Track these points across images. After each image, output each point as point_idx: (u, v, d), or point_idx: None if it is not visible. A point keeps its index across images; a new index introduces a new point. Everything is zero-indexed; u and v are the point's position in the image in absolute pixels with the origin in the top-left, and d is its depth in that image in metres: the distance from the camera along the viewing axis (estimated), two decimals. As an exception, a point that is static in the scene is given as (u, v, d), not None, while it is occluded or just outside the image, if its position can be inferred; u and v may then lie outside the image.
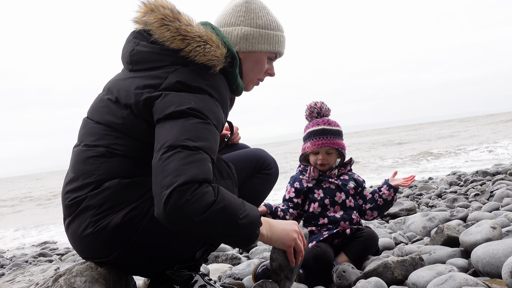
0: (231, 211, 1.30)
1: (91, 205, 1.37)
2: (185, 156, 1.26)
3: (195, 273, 1.63)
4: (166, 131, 1.32)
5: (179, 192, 1.21)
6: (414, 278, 1.51)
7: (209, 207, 1.24)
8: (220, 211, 1.27)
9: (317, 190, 2.09)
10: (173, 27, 1.42)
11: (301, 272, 1.88)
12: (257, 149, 1.82)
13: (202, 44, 1.42)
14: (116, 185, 1.37)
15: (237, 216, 1.31)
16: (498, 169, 5.73)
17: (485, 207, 3.12)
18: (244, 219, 1.32)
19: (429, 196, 4.77)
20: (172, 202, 1.21)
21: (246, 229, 1.34)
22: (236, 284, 1.97)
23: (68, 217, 1.43)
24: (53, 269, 1.53)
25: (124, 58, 1.56)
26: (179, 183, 1.22)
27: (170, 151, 1.27)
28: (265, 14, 1.67)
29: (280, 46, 1.71)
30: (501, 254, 1.48)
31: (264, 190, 1.79)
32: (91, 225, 1.36)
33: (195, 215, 1.22)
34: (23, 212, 13.72)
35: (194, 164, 1.27)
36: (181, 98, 1.36)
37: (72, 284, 1.34)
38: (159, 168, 1.27)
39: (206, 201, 1.24)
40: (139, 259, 1.44)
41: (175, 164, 1.25)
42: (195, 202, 1.22)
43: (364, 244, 1.95)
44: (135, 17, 1.51)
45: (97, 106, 1.52)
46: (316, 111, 2.13)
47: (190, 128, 1.32)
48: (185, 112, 1.33)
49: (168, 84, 1.39)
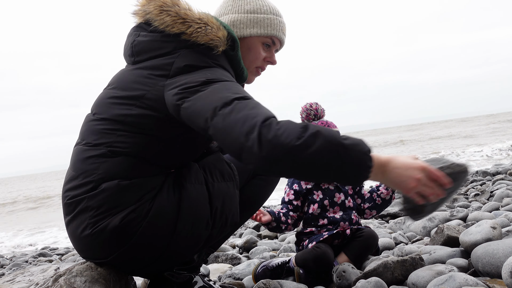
0: (327, 131, 1.14)
1: (90, 206, 1.36)
2: (244, 104, 1.20)
3: (194, 274, 1.63)
4: (206, 100, 1.25)
5: (266, 127, 1.12)
6: (414, 278, 1.51)
7: (304, 131, 1.11)
8: (317, 132, 1.12)
9: (316, 192, 2.08)
10: (173, 11, 1.42)
11: (301, 272, 1.88)
12: None
13: (202, 25, 1.42)
14: (115, 187, 1.35)
15: (337, 136, 1.14)
16: (498, 169, 5.73)
17: (485, 207, 3.12)
18: (346, 140, 1.15)
19: (429, 196, 4.77)
20: (264, 138, 1.11)
21: (354, 150, 1.14)
22: (236, 284, 1.97)
23: (68, 215, 1.43)
24: (53, 269, 1.53)
25: (125, 52, 1.54)
26: (261, 120, 1.13)
27: (227, 106, 1.20)
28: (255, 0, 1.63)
29: (274, 29, 1.63)
30: (501, 254, 1.48)
31: (265, 192, 1.78)
32: (90, 226, 1.35)
33: (294, 139, 1.10)
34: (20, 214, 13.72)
35: (259, 106, 1.21)
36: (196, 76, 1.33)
37: (72, 284, 1.34)
38: (230, 123, 1.17)
39: (297, 127, 1.13)
40: (138, 261, 1.43)
41: (243, 113, 1.17)
42: (286, 130, 1.11)
43: (364, 244, 1.95)
44: (134, 10, 1.51)
45: (102, 100, 1.49)
46: (313, 113, 2.11)
47: (226, 88, 1.28)
48: (209, 81, 1.30)
49: (177, 69, 1.37)
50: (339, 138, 1.13)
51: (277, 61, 1.71)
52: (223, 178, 1.53)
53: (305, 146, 1.10)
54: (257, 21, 1.60)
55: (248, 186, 1.69)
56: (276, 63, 1.72)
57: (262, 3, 1.63)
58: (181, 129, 1.41)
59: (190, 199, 1.40)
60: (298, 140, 1.10)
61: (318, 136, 1.11)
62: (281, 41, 1.68)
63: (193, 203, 1.39)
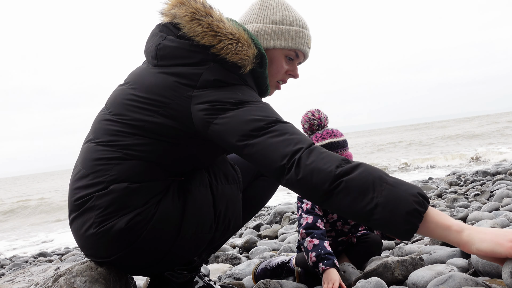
0: (371, 168, 1.11)
1: (97, 206, 1.34)
2: (285, 128, 1.20)
3: (195, 274, 1.63)
4: (241, 119, 1.24)
5: (309, 153, 1.13)
6: (414, 278, 1.51)
7: (345, 162, 1.10)
8: (360, 165, 1.10)
9: (332, 214, 1.92)
10: (205, 22, 1.35)
11: (301, 272, 1.87)
12: None
13: (234, 42, 1.36)
14: (124, 189, 1.34)
15: (381, 173, 1.09)
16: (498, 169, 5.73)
17: (485, 207, 3.11)
18: (390, 177, 1.08)
19: (429, 196, 4.77)
20: (303, 163, 1.11)
21: (399, 189, 1.04)
22: (236, 284, 1.97)
23: (73, 213, 1.41)
24: (53, 269, 1.53)
25: (148, 52, 1.48)
26: (306, 146, 1.14)
27: (268, 127, 1.20)
28: (281, 10, 1.56)
29: (298, 42, 1.56)
30: (501, 254, 1.48)
31: (267, 193, 1.78)
32: (95, 225, 1.34)
33: (332, 167, 1.09)
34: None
35: (299, 133, 1.21)
36: (226, 93, 1.31)
37: (72, 284, 1.34)
38: (272, 145, 1.18)
39: (338, 157, 1.13)
40: (140, 262, 1.43)
41: (285, 136, 1.18)
42: (327, 157, 1.12)
43: (367, 250, 1.91)
44: (162, 9, 1.44)
45: (121, 100, 1.43)
46: (316, 122, 1.91)
47: (262, 109, 1.27)
48: (240, 102, 1.28)
49: (205, 82, 1.33)
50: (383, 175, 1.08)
51: (299, 75, 1.65)
52: (227, 181, 1.52)
53: (343, 173, 1.09)
54: (281, 32, 1.54)
55: (251, 187, 1.69)
56: (298, 77, 1.66)
57: (288, 13, 1.57)
58: (201, 141, 1.39)
59: (195, 203, 1.39)
60: (338, 168, 1.09)
61: (358, 167, 1.10)
62: (305, 54, 1.62)
63: (197, 207, 1.39)
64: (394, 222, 1.04)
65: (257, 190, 1.70)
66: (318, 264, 1.67)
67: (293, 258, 1.97)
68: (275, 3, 1.58)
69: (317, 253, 1.69)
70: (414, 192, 1.05)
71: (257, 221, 4.75)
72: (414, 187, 1.07)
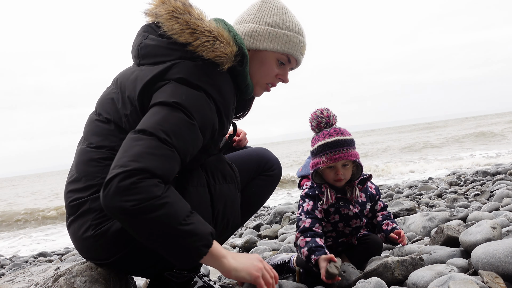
0: (172, 212, 1.18)
1: (93, 208, 1.35)
2: (154, 145, 1.21)
3: (194, 274, 1.63)
4: (149, 116, 1.28)
5: (127, 175, 1.14)
6: (414, 278, 1.51)
7: (149, 199, 1.14)
8: (160, 207, 1.15)
9: (334, 215, 1.91)
10: (183, 20, 1.37)
11: (301, 272, 1.87)
12: (260, 149, 1.79)
13: (211, 39, 1.37)
14: None
15: (178, 218, 1.18)
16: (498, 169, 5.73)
17: (485, 207, 3.11)
18: (186, 225, 1.19)
19: (429, 196, 4.77)
20: (114, 182, 1.14)
21: (187, 238, 1.20)
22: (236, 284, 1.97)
23: (70, 216, 1.42)
24: (53, 269, 1.53)
25: (132, 52, 1.51)
26: (132, 168, 1.15)
27: (143, 134, 1.22)
28: (279, 13, 1.57)
29: (291, 47, 1.56)
30: (501, 254, 1.48)
31: (266, 192, 1.78)
32: (92, 228, 1.35)
33: (131, 201, 1.12)
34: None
35: (158, 157, 1.20)
36: (174, 91, 1.32)
37: (72, 284, 1.34)
38: (124, 147, 1.22)
39: (149, 193, 1.15)
40: (140, 262, 1.43)
41: (139, 148, 1.19)
42: (137, 189, 1.13)
43: (367, 252, 1.91)
44: (147, 9, 1.46)
45: (105, 100, 1.48)
46: (324, 120, 1.87)
47: (173, 121, 1.26)
48: (171, 104, 1.28)
49: (170, 76, 1.35)
50: (176, 222, 1.18)
51: (289, 80, 1.65)
52: (225, 180, 1.52)
53: (138, 212, 1.14)
54: (276, 36, 1.54)
55: (249, 187, 1.68)
56: (288, 82, 1.65)
57: (286, 18, 1.57)
58: None
59: (192, 202, 1.40)
60: (136, 204, 1.13)
61: (156, 210, 1.15)
62: (297, 60, 1.62)
63: (195, 206, 1.39)
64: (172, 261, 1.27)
65: (255, 189, 1.70)
66: (310, 257, 1.69)
67: (294, 258, 1.97)
68: (274, 6, 1.58)
69: (308, 247, 1.72)
70: (199, 245, 1.23)
71: (257, 221, 4.75)
72: (204, 237, 1.23)
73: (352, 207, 1.88)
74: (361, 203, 1.93)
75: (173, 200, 1.19)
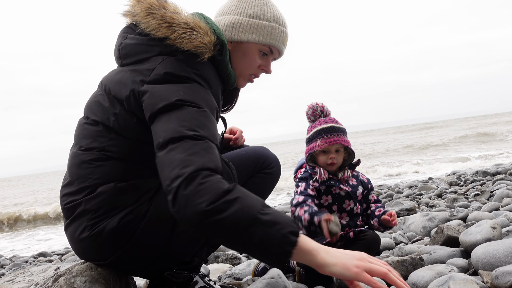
0: (247, 204, 1.10)
1: (87, 210, 1.36)
2: (190, 146, 1.17)
3: (194, 274, 1.63)
4: (164, 125, 1.24)
5: (188, 181, 1.10)
6: (414, 278, 1.51)
7: (221, 195, 1.08)
8: (233, 202, 1.09)
9: (326, 196, 1.99)
10: (159, 14, 1.38)
11: (301, 271, 1.87)
12: (258, 147, 1.79)
13: (188, 31, 1.38)
14: (111, 189, 1.35)
15: (256, 209, 1.10)
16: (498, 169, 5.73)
17: (485, 207, 3.12)
18: (266, 215, 1.10)
19: (429, 196, 4.77)
20: (180, 193, 1.09)
21: (271, 227, 1.09)
22: (236, 284, 1.97)
23: (66, 219, 1.44)
24: (53, 269, 1.53)
25: (114, 54, 1.52)
26: (188, 173, 1.11)
27: (174, 143, 1.19)
28: (260, 4, 1.57)
29: (273, 38, 1.57)
30: (501, 254, 1.48)
31: (265, 191, 1.77)
32: (88, 228, 1.36)
33: (205, 201, 1.07)
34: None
35: (201, 153, 1.17)
36: (169, 90, 1.30)
37: (72, 284, 1.34)
38: (165, 162, 1.17)
39: (218, 189, 1.09)
40: (138, 261, 1.43)
41: (181, 155, 1.15)
42: (205, 189, 1.09)
43: (366, 247, 1.91)
44: (124, 11, 1.46)
45: (92, 103, 1.49)
46: (319, 109, 2.05)
47: (187, 118, 1.24)
48: (176, 104, 1.26)
49: (156, 76, 1.34)
50: (256, 213, 1.08)
51: (272, 71, 1.66)
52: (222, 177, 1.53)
53: (215, 212, 1.07)
54: (257, 27, 1.55)
55: (248, 185, 1.68)
56: (271, 73, 1.67)
57: (267, 9, 1.57)
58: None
59: None
60: (210, 204, 1.07)
61: (234, 203, 1.08)
62: (280, 51, 1.63)
63: None
64: (264, 260, 1.20)
65: (253, 188, 1.69)
66: (313, 220, 1.74)
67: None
68: None
69: (309, 212, 1.78)
70: (285, 232, 1.10)
71: (257, 221, 4.75)
72: (288, 224, 1.11)
73: (343, 186, 1.97)
74: (352, 185, 2.02)
75: (244, 193, 1.14)
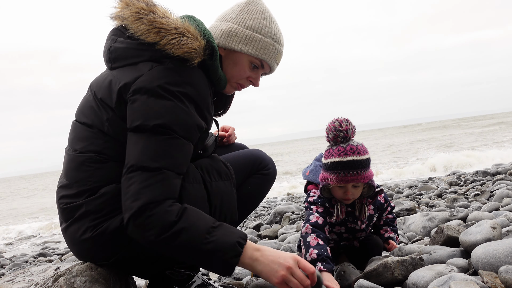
0: (191, 235, 1.25)
1: (89, 211, 1.37)
2: (144, 178, 1.27)
3: (194, 273, 1.63)
4: (132, 147, 1.32)
5: (137, 215, 1.23)
6: (414, 278, 1.51)
7: (167, 228, 1.24)
8: (178, 233, 1.24)
9: (340, 227, 1.91)
10: (148, 20, 1.38)
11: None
12: (254, 150, 1.81)
13: (177, 36, 1.38)
14: (113, 190, 1.37)
15: (200, 240, 1.25)
16: (498, 169, 5.73)
17: (485, 207, 3.11)
18: (209, 244, 1.25)
19: (429, 196, 4.77)
20: (131, 225, 1.25)
21: (213, 255, 1.26)
22: (236, 284, 1.97)
23: (65, 222, 1.43)
24: (53, 269, 1.53)
25: (104, 56, 1.52)
26: (138, 207, 1.23)
27: (132, 172, 1.28)
28: (260, 18, 1.58)
29: (266, 54, 1.58)
30: (501, 254, 1.48)
31: (262, 191, 1.78)
32: (90, 229, 1.36)
33: (152, 234, 1.23)
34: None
35: (153, 186, 1.26)
36: (148, 109, 1.32)
37: (72, 284, 1.34)
38: (123, 188, 1.29)
39: (164, 221, 1.24)
40: (140, 261, 1.43)
41: (135, 186, 1.26)
42: (152, 222, 1.23)
43: (367, 253, 1.91)
44: (112, 13, 1.46)
45: (84, 107, 1.50)
46: (342, 134, 1.75)
47: (154, 146, 1.30)
48: (150, 128, 1.31)
49: (142, 84, 1.35)
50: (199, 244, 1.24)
51: (259, 85, 1.67)
52: (220, 177, 1.54)
53: (163, 243, 1.25)
54: (252, 40, 1.55)
55: (245, 185, 1.69)
56: (258, 86, 1.68)
57: (266, 23, 1.58)
58: None
59: (189, 198, 1.40)
60: (158, 237, 1.24)
61: (177, 237, 1.24)
62: (271, 67, 1.64)
63: (192, 202, 1.40)
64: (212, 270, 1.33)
65: (251, 187, 1.71)
66: (317, 262, 1.66)
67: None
68: (257, 10, 1.59)
69: (320, 252, 1.68)
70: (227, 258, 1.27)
71: (257, 221, 4.76)
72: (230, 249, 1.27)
73: (360, 222, 1.90)
74: (369, 216, 1.92)
75: (190, 223, 1.26)
